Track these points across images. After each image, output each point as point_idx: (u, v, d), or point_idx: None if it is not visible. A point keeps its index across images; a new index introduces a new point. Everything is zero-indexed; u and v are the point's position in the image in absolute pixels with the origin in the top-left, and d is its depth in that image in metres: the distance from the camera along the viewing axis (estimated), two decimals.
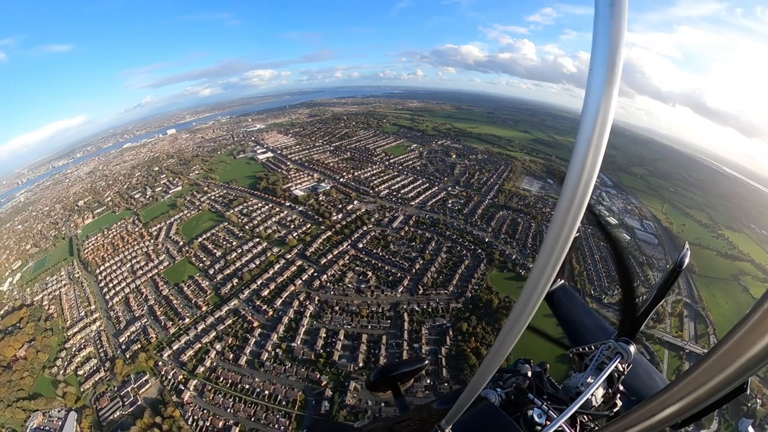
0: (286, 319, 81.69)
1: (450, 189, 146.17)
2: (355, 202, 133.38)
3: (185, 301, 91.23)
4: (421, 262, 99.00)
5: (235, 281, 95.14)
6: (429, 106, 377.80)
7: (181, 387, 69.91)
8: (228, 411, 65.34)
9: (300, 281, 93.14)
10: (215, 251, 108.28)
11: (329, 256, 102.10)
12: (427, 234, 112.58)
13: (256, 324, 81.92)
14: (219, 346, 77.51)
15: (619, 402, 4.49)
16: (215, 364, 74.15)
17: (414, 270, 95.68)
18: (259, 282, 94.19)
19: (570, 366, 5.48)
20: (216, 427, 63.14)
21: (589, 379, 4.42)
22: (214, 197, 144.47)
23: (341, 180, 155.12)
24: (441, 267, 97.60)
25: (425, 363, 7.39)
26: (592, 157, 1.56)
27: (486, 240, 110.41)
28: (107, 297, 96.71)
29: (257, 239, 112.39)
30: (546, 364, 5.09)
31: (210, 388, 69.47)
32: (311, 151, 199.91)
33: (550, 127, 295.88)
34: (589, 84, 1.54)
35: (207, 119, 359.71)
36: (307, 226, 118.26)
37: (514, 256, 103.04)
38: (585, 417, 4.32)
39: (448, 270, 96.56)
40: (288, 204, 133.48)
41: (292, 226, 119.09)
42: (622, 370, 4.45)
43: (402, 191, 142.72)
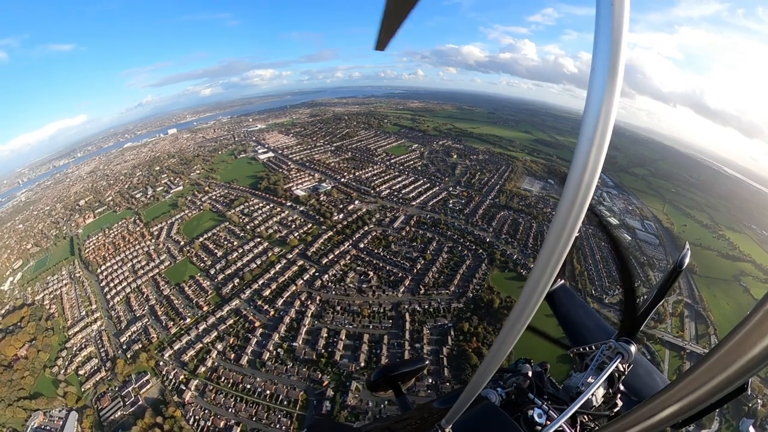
0: (287, 319, 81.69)
1: (451, 189, 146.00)
2: (356, 202, 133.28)
3: (186, 301, 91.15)
4: (423, 262, 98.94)
5: (237, 281, 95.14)
6: (430, 106, 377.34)
7: (183, 387, 69.87)
8: (229, 411, 65.28)
9: (301, 281, 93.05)
10: (216, 251, 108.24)
11: (330, 256, 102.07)
12: (429, 234, 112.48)
13: (257, 324, 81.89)
14: (220, 345, 77.49)
15: (620, 402, 4.47)
16: (216, 364, 74.11)
17: (415, 270, 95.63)
18: (261, 282, 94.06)
19: (571, 366, 5.44)
20: (217, 427, 63.08)
21: (590, 379, 4.41)
22: (215, 197, 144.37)
23: (342, 180, 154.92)
24: (442, 267, 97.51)
25: (426, 363, 7.37)
26: (594, 158, 1.56)
27: (487, 240, 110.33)
28: (108, 296, 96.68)
29: (258, 239, 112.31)
30: (546, 363, 5.08)
31: (211, 388, 69.41)
32: (312, 151, 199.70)
33: (551, 128, 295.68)
34: (591, 84, 1.55)
35: (208, 119, 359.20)
36: (309, 226, 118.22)
37: (515, 256, 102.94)
38: (585, 417, 4.31)
39: (449, 270, 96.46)
40: (289, 204, 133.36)
41: (293, 226, 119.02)
42: (622, 370, 4.43)
43: (403, 191, 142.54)
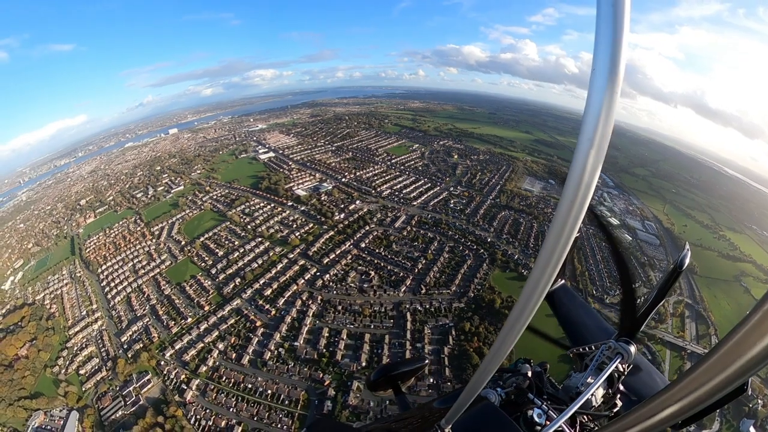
0: (288, 319, 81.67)
1: (452, 189, 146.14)
2: (358, 201, 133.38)
3: (187, 301, 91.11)
4: (424, 261, 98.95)
5: (238, 281, 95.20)
6: (431, 106, 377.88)
7: (184, 386, 69.85)
8: (231, 410, 65.32)
9: (302, 281, 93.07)
10: (217, 251, 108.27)
11: (332, 255, 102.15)
12: (430, 234, 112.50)
13: (258, 323, 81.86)
14: (221, 345, 77.48)
15: (619, 402, 4.49)
16: (218, 363, 74.11)
17: (416, 270, 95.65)
18: (262, 281, 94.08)
19: (571, 366, 5.46)
20: (219, 427, 63.11)
21: (590, 380, 4.42)
22: (216, 197, 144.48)
23: (343, 180, 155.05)
24: (443, 267, 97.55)
25: (425, 362, 7.43)
26: (594, 158, 1.56)
27: (488, 240, 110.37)
28: (109, 296, 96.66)
29: (259, 239, 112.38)
30: (546, 364, 5.09)
31: (213, 387, 69.44)
32: (313, 151, 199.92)
33: (551, 128, 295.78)
34: (591, 84, 1.54)
35: (209, 119, 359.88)
36: (310, 225, 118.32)
37: (516, 256, 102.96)
38: (585, 417, 4.32)
39: (450, 270, 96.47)
40: (290, 204, 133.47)
41: (294, 225, 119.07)
42: (622, 370, 4.44)
43: (404, 191, 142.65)
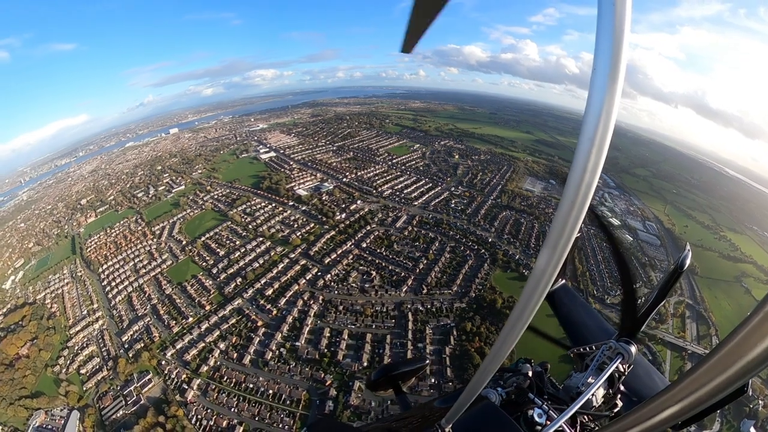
0: (290, 319, 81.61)
1: (453, 189, 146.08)
2: (359, 201, 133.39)
3: (189, 300, 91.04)
4: (425, 261, 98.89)
5: (239, 280, 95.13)
6: (431, 106, 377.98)
7: (185, 386, 69.79)
8: (232, 410, 65.28)
9: (304, 280, 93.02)
10: (218, 250, 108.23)
11: (333, 255, 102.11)
12: (431, 234, 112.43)
13: (260, 323, 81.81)
14: (223, 345, 77.43)
15: (620, 402, 4.48)
16: (219, 363, 74.03)
17: (418, 270, 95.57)
18: (263, 281, 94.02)
19: (572, 366, 5.44)
20: (220, 427, 63.08)
21: (590, 380, 4.41)
22: (217, 196, 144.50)
23: (344, 180, 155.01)
24: (445, 267, 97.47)
25: (426, 362, 7.47)
26: (594, 158, 1.57)
27: (489, 240, 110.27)
28: (110, 296, 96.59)
29: (261, 238, 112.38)
30: (547, 363, 5.08)
31: (214, 387, 69.39)
32: (314, 151, 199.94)
33: (552, 128, 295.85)
34: (592, 85, 1.55)
35: (209, 119, 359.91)
36: (311, 225, 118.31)
37: (517, 256, 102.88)
38: (585, 417, 4.33)
39: (451, 270, 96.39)
40: (291, 203, 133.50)
41: (295, 225, 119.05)
42: (622, 370, 4.43)
43: (405, 191, 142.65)
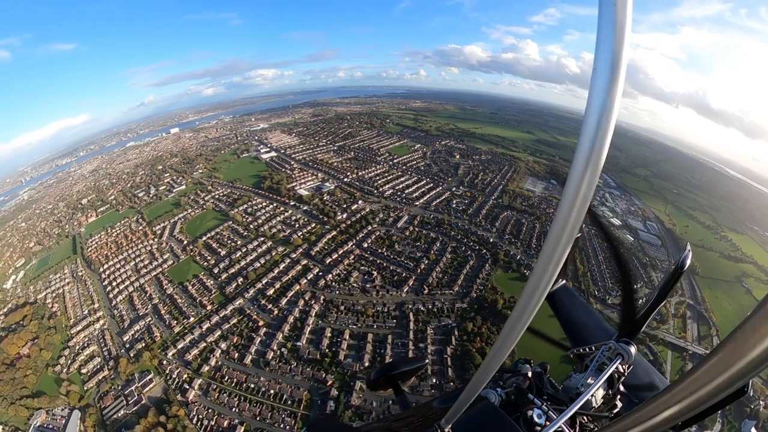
0: (291, 319, 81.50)
1: (454, 189, 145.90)
2: (360, 201, 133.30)
3: (190, 300, 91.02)
4: (426, 262, 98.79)
5: (240, 280, 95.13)
6: (432, 106, 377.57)
7: (186, 386, 69.75)
8: (233, 410, 65.21)
9: (305, 280, 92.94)
10: (220, 250, 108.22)
11: (334, 255, 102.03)
12: (432, 234, 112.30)
13: (261, 323, 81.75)
14: (224, 345, 77.36)
15: (619, 403, 4.46)
16: (220, 363, 73.98)
17: (419, 270, 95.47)
18: (264, 281, 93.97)
19: (572, 367, 5.41)
20: (221, 427, 63.02)
21: (590, 380, 4.39)
22: (218, 196, 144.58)
23: (345, 180, 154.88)
24: (446, 267, 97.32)
25: (426, 362, 7.56)
26: (594, 158, 1.56)
27: (490, 240, 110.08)
28: (111, 295, 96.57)
29: (262, 238, 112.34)
30: (546, 364, 5.08)
31: (215, 387, 69.33)
32: (315, 151, 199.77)
33: (553, 128, 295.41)
34: (593, 84, 1.55)
35: (210, 118, 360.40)
36: (312, 225, 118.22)
37: (518, 256, 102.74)
38: (585, 418, 4.32)
39: (452, 270, 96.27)
40: (292, 203, 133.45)
41: (296, 225, 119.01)
42: (622, 371, 4.41)
43: (406, 191, 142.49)
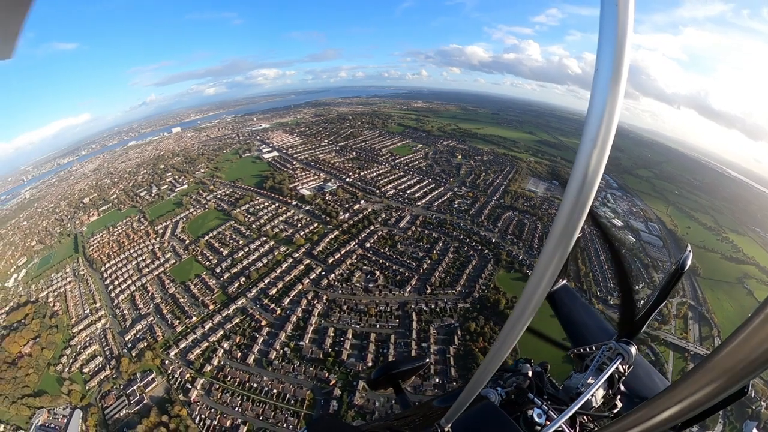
0: (294, 318, 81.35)
1: (456, 189, 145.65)
2: (362, 201, 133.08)
3: (192, 300, 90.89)
4: (429, 262, 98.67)
5: (243, 280, 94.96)
6: (434, 106, 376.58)
7: (189, 386, 69.63)
8: (236, 410, 65.05)
9: (308, 280, 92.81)
10: (222, 250, 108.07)
11: (337, 255, 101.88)
12: (434, 234, 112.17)
13: (264, 323, 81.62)
14: (227, 344, 77.18)
15: (620, 403, 4.46)
16: (223, 362, 73.84)
17: (421, 270, 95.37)
18: (267, 281, 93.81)
19: (573, 367, 5.35)
20: (224, 426, 62.86)
21: (590, 380, 4.38)
22: (220, 196, 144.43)
23: (347, 180, 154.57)
24: (448, 267, 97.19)
25: (426, 361, 7.47)
26: (596, 158, 1.56)
27: (493, 240, 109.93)
28: (113, 295, 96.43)
29: (264, 238, 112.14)
30: (547, 364, 5.08)
31: (217, 386, 69.19)
32: (317, 151, 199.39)
33: (555, 129, 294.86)
34: (594, 85, 1.54)
35: (212, 118, 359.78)
36: (314, 225, 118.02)
37: (521, 256, 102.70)
38: (585, 417, 4.33)
39: (455, 270, 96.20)
40: (294, 203, 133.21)
41: (299, 225, 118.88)
42: (622, 371, 4.39)
43: (408, 191, 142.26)
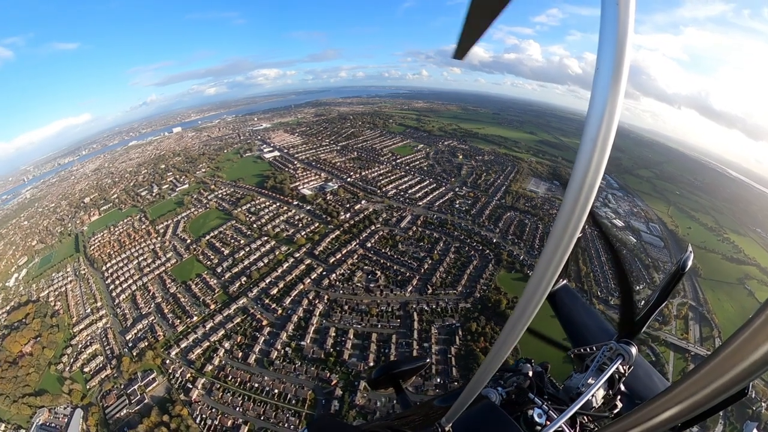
0: (295, 318, 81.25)
1: (457, 190, 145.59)
2: (363, 201, 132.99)
3: (193, 299, 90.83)
4: (430, 262, 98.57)
5: (244, 279, 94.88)
6: (434, 106, 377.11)
7: (189, 385, 69.53)
8: (237, 410, 64.96)
9: (309, 280, 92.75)
10: (223, 249, 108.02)
11: (338, 255, 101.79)
12: (435, 234, 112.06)
13: (265, 322, 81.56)
14: (228, 344, 77.10)
15: (620, 403, 4.44)
16: (224, 362, 73.77)
17: (423, 270, 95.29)
18: (268, 280, 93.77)
19: (573, 367, 5.33)
20: (225, 426, 62.75)
21: (590, 380, 4.37)
22: (221, 195, 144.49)
23: (348, 179, 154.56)
24: (449, 267, 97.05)
25: (427, 361, 7.38)
26: (597, 159, 1.55)
27: (494, 241, 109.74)
28: (114, 294, 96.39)
29: (265, 238, 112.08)
30: (547, 363, 5.06)
31: (218, 386, 69.10)
32: (318, 151, 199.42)
33: (555, 129, 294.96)
34: (595, 85, 1.54)
35: (212, 118, 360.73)
36: (315, 225, 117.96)
37: (522, 257, 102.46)
38: (585, 418, 4.33)
39: (456, 270, 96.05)
40: (296, 203, 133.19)
41: (300, 224, 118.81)
42: (623, 371, 4.38)
43: (409, 191, 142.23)
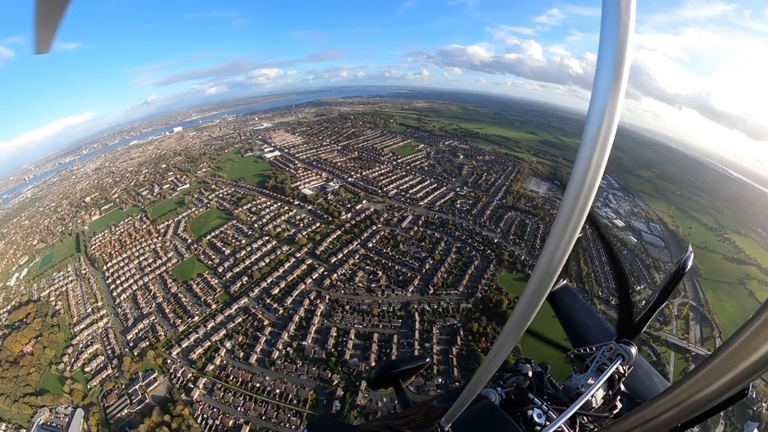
0: (296, 318, 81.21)
1: (458, 190, 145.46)
2: (364, 201, 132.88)
3: (194, 299, 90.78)
4: (431, 262, 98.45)
5: (245, 279, 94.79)
6: (435, 106, 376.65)
7: (191, 385, 69.49)
8: (238, 410, 64.94)
9: (310, 280, 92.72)
10: (224, 249, 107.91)
11: (339, 255, 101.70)
12: (437, 234, 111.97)
13: (266, 322, 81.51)
14: (229, 344, 77.05)
15: (620, 404, 4.43)
16: (225, 362, 73.72)
17: (424, 270, 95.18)
18: (269, 280, 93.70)
19: (573, 367, 5.31)
20: (226, 426, 62.72)
21: (590, 381, 4.37)
22: (222, 195, 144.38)
23: (349, 179, 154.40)
24: (451, 267, 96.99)
25: (426, 361, 7.44)
26: (597, 158, 1.56)
27: (495, 241, 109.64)
28: (114, 294, 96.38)
29: (266, 237, 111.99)
30: (547, 364, 5.06)
31: (220, 386, 69.06)
32: (319, 150, 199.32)
33: (556, 129, 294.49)
34: (595, 85, 1.54)
35: (213, 117, 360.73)
36: (317, 224, 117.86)
37: (523, 257, 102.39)
38: (585, 418, 4.31)
39: (457, 270, 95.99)
40: (297, 203, 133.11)
41: (301, 224, 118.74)
42: (623, 371, 4.38)
43: (410, 191, 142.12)
